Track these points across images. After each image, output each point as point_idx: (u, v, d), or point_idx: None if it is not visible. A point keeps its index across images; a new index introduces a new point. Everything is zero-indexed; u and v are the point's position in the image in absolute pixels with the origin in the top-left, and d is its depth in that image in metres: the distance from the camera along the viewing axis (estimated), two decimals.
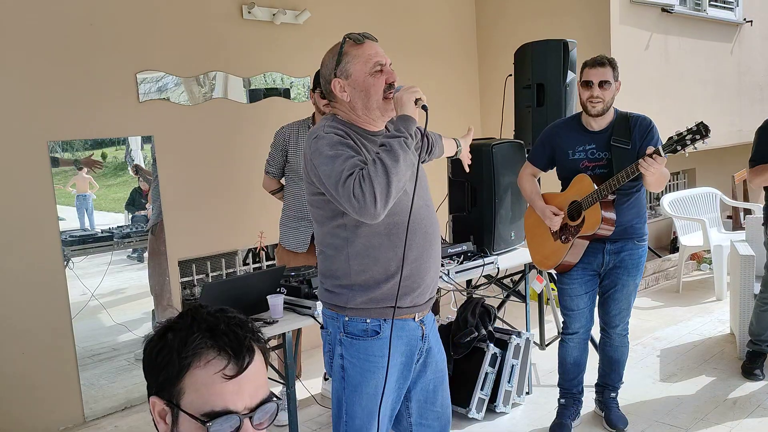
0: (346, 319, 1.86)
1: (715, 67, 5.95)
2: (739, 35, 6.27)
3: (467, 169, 2.66)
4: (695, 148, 2.56)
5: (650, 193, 6.97)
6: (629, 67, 4.99)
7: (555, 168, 3.06)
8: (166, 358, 0.94)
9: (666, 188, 7.02)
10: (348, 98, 1.85)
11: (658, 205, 6.14)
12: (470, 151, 3.48)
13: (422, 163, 2.27)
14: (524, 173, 3.11)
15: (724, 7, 6.08)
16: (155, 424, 0.97)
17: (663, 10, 5.30)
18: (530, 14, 5.20)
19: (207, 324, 0.96)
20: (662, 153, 2.56)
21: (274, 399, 0.98)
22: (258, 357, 0.98)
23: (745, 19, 6.27)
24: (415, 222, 1.84)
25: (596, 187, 2.76)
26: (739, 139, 6.22)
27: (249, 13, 4.04)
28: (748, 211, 6.02)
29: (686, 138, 2.54)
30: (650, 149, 2.58)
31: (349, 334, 1.86)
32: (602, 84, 2.80)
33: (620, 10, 4.89)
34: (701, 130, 2.52)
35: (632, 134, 2.82)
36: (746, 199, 6.47)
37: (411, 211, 1.79)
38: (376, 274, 1.82)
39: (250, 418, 0.94)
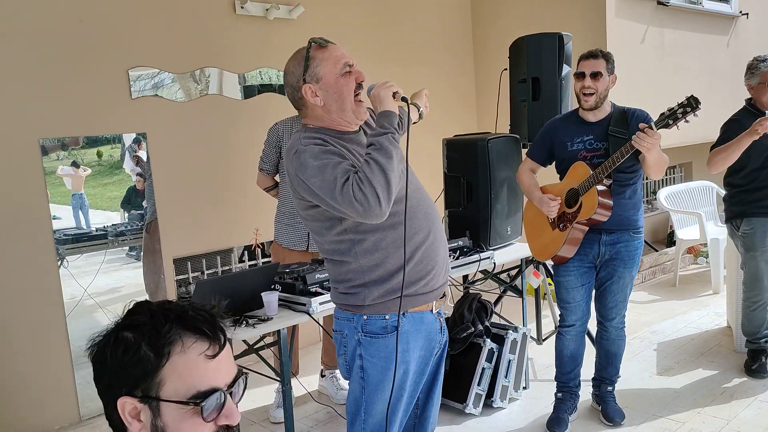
0: (365, 318, 1.84)
1: (710, 60, 5.93)
2: (735, 28, 6.26)
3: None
4: (687, 121, 2.57)
5: (647, 186, 6.97)
6: (625, 60, 4.97)
7: (554, 162, 3.06)
8: (136, 356, 0.92)
9: (662, 182, 7.02)
10: (321, 102, 1.82)
11: (655, 198, 6.14)
12: (465, 146, 3.50)
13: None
14: (523, 168, 3.12)
15: (720, 0, 6.06)
16: (118, 428, 0.96)
17: (659, 3, 5.28)
18: (526, 8, 5.18)
19: (173, 313, 0.96)
20: (654, 128, 2.57)
21: (244, 371, 1.02)
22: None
23: (741, 12, 6.25)
24: (412, 206, 1.84)
25: (592, 172, 2.78)
26: None
27: (242, 8, 4.01)
28: None
29: (677, 112, 2.56)
30: (643, 125, 2.60)
31: (368, 333, 1.85)
32: (594, 75, 2.81)
33: (616, 3, 4.88)
34: (692, 103, 2.53)
35: (629, 125, 2.83)
36: None
37: (407, 196, 1.78)
38: (390, 266, 1.82)
39: (230, 393, 0.97)
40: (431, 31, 5.24)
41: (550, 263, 3.11)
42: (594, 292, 3.06)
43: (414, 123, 2.38)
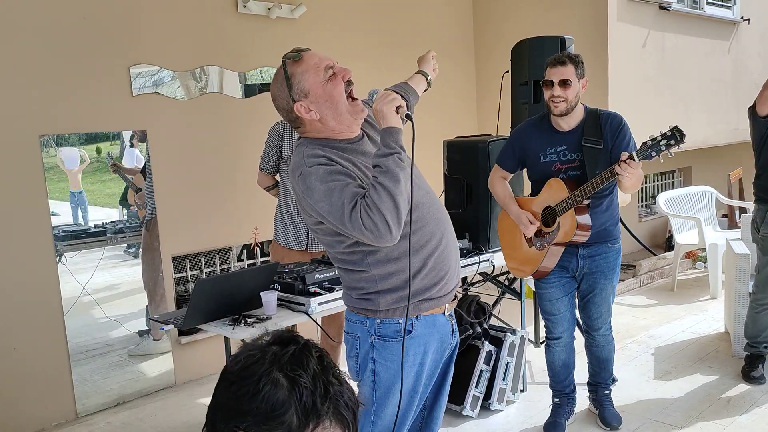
0: (378, 321, 1.84)
1: (712, 65, 5.94)
2: (737, 33, 6.26)
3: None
4: (671, 155, 2.47)
5: (646, 190, 6.97)
6: (626, 64, 4.97)
7: (525, 170, 3.01)
8: (282, 415, 0.88)
9: (662, 186, 7.03)
10: (317, 115, 1.76)
11: (654, 203, 6.14)
12: (466, 148, 3.49)
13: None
14: (494, 176, 3.03)
15: (722, 5, 6.07)
16: None
17: (660, 7, 5.28)
18: (527, 10, 5.18)
19: (333, 388, 0.92)
20: (636, 158, 2.49)
21: None
22: None
23: (742, 18, 6.26)
24: (423, 213, 1.82)
25: (570, 193, 2.70)
26: (735, 138, 6.22)
27: (244, 6, 4.01)
28: (743, 210, 6.02)
29: (660, 143, 2.46)
30: (624, 155, 2.52)
31: (381, 336, 1.84)
32: (563, 83, 2.71)
33: (618, 6, 4.88)
34: (676, 136, 2.43)
35: (603, 133, 2.75)
36: (742, 197, 6.47)
37: (411, 206, 1.75)
38: (404, 275, 1.80)
39: None
40: (433, 33, 5.24)
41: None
42: (577, 302, 3.03)
43: (424, 91, 2.32)
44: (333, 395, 0.92)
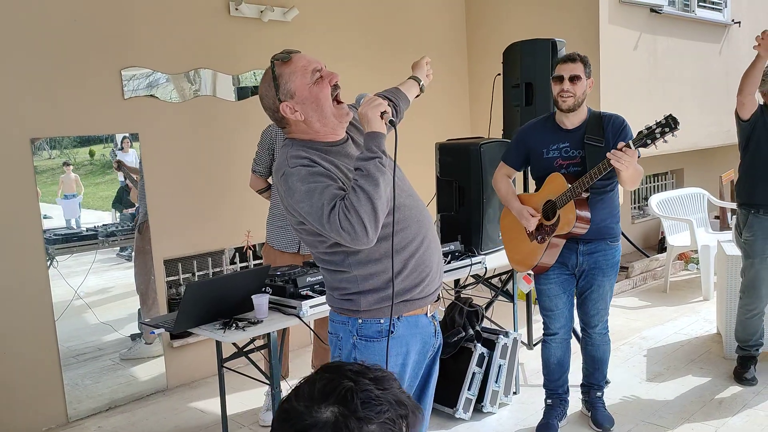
0: (360, 322, 1.85)
1: (703, 67, 5.97)
2: (728, 36, 6.30)
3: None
4: (665, 141, 2.56)
5: (638, 192, 7.00)
6: (617, 66, 4.99)
7: (529, 167, 3.06)
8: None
9: (654, 188, 7.06)
10: (302, 116, 1.79)
11: (647, 205, 6.16)
12: (458, 150, 3.50)
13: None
14: (499, 174, 3.09)
15: (713, 8, 6.10)
16: None
17: (652, 10, 5.31)
18: (520, 13, 5.19)
19: (405, 399, 0.90)
20: (632, 146, 2.56)
21: None
22: None
23: (733, 21, 6.29)
24: (404, 215, 1.83)
25: (569, 186, 2.76)
26: (726, 140, 6.25)
27: (236, 9, 4.00)
28: (735, 212, 6.04)
29: (656, 131, 2.54)
30: (621, 144, 2.59)
31: (363, 337, 1.85)
32: (573, 79, 2.81)
33: (609, 9, 4.90)
34: (670, 123, 2.52)
35: (605, 132, 2.82)
36: (733, 199, 6.50)
37: (394, 208, 1.77)
38: (384, 276, 1.81)
39: None
40: (425, 36, 5.25)
41: (531, 271, 3.10)
42: (576, 299, 3.06)
43: (416, 97, 2.34)
44: (408, 407, 0.90)
